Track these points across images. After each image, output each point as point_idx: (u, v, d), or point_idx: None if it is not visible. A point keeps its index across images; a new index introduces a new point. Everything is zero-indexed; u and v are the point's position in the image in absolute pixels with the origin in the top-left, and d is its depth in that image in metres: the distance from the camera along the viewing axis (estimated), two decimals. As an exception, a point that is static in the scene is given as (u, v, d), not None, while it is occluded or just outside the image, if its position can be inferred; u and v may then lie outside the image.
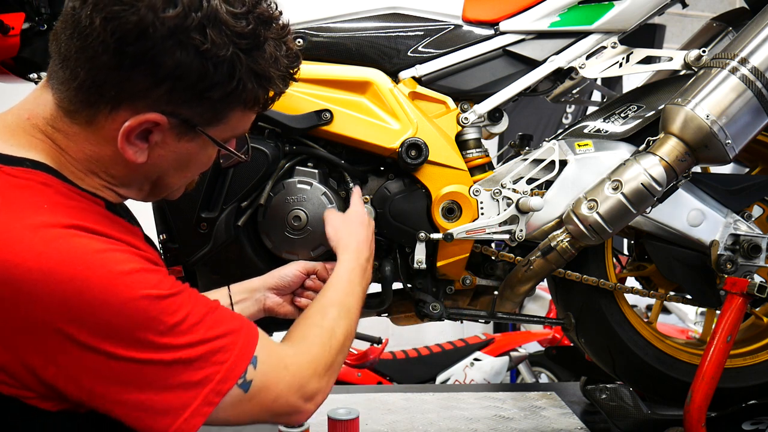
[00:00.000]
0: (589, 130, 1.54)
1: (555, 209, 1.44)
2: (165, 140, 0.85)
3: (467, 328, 4.88)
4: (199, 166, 0.94)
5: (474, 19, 1.50)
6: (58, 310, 0.73)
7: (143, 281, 0.78)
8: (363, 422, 1.66)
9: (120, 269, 0.76)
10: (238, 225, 1.40)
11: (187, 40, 0.78)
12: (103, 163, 0.86)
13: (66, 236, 0.76)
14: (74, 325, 0.74)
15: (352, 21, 1.49)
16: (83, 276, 0.74)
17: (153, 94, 0.81)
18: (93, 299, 0.74)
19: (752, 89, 1.34)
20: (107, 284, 0.75)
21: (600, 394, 1.74)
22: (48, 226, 0.76)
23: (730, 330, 1.38)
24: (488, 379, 3.42)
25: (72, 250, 0.75)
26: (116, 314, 0.75)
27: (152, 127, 0.83)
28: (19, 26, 1.39)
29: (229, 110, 0.88)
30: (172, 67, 0.79)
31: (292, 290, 1.29)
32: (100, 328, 0.74)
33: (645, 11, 1.48)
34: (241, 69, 0.83)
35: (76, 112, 0.83)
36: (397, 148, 1.40)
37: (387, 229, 1.45)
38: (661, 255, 1.53)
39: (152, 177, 0.91)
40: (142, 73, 0.79)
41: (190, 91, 0.82)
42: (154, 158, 0.86)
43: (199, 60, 0.80)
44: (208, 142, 0.89)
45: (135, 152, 0.84)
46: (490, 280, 1.55)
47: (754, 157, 1.71)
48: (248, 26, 0.83)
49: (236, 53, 0.82)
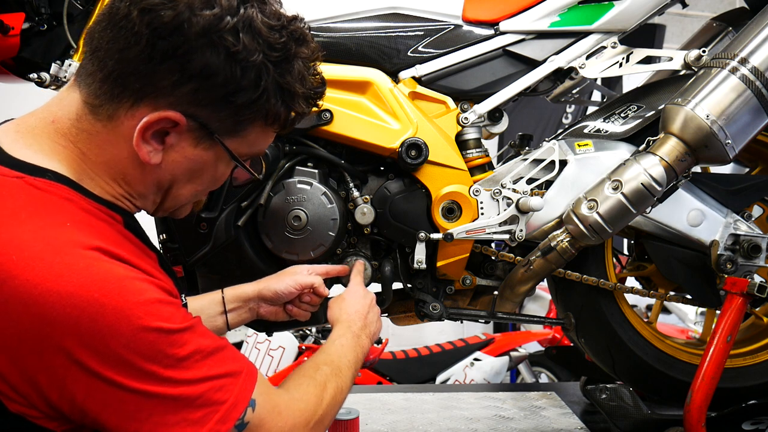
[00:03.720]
0: (589, 130, 1.54)
1: (555, 209, 1.44)
2: (181, 144, 0.85)
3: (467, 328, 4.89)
4: (210, 180, 0.93)
5: (474, 19, 1.50)
6: (70, 334, 0.72)
7: (157, 313, 0.77)
8: (363, 422, 1.66)
9: (136, 299, 0.76)
10: (238, 225, 1.40)
11: (219, 41, 0.79)
12: (121, 168, 0.86)
13: (88, 259, 0.75)
14: (84, 350, 0.73)
15: (352, 21, 1.49)
16: (100, 302, 0.73)
17: (177, 92, 0.81)
18: (106, 326, 0.73)
19: (752, 89, 1.33)
20: (121, 312, 0.74)
21: (600, 394, 1.74)
22: (71, 247, 0.75)
23: (730, 330, 1.38)
24: (488, 379, 3.42)
25: (92, 276, 0.74)
26: (126, 344, 0.74)
27: (170, 128, 0.83)
28: (19, 26, 1.39)
29: (250, 123, 0.88)
30: (200, 66, 0.80)
31: (285, 302, 1.31)
32: (109, 356, 0.74)
33: (645, 11, 1.48)
34: (268, 79, 0.84)
35: (99, 107, 0.83)
36: (397, 148, 1.40)
37: (387, 229, 1.45)
38: (661, 255, 1.53)
39: (164, 185, 0.90)
40: (169, 69, 0.79)
41: (215, 93, 0.82)
42: (167, 162, 0.86)
43: (228, 62, 0.80)
44: (222, 155, 0.89)
45: (149, 152, 0.83)
46: (490, 280, 1.55)
47: (754, 157, 1.71)
48: (281, 39, 0.84)
49: (265, 63, 0.83)
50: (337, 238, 1.41)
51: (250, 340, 3.59)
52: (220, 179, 0.94)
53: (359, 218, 1.43)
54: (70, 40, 1.42)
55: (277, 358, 3.43)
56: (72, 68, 1.36)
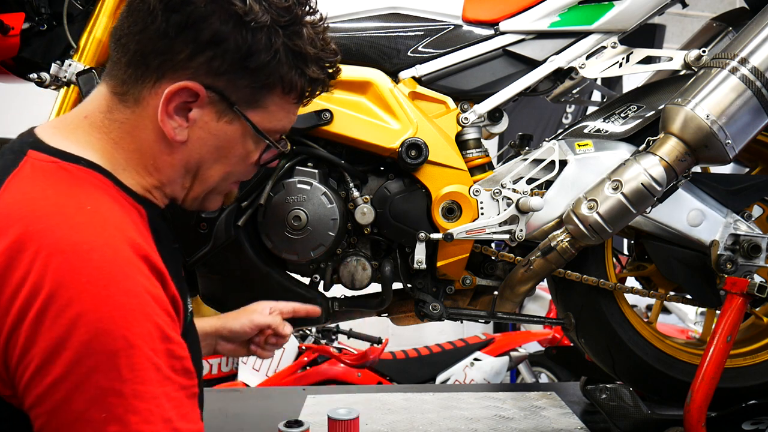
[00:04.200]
0: (589, 130, 1.54)
1: (555, 209, 1.44)
2: (204, 119, 0.87)
3: (467, 328, 4.89)
4: (238, 159, 0.93)
5: (474, 19, 1.50)
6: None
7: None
8: (363, 422, 1.66)
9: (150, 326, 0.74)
10: (237, 225, 1.40)
11: (227, 6, 0.82)
12: (151, 153, 0.87)
13: (131, 275, 0.75)
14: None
15: (352, 21, 1.49)
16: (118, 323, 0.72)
17: (193, 62, 0.83)
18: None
19: (752, 89, 1.34)
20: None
21: (600, 394, 1.74)
22: (116, 244, 0.75)
23: (730, 330, 1.38)
24: (488, 379, 3.42)
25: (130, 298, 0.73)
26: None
27: (192, 103, 0.85)
28: (19, 26, 1.39)
29: (267, 92, 0.89)
30: (211, 33, 0.82)
31: (245, 339, 1.29)
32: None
33: (645, 11, 1.48)
34: (278, 41, 0.86)
35: (126, 93, 0.86)
36: (397, 148, 1.40)
37: (387, 229, 1.45)
38: (661, 255, 1.53)
39: (192, 166, 0.91)
40: (184, 41, 0.82)
41: (228, 59, 0.84)
42: (193, 140, 0.88)
43: (237, 27, 0.83)
44: (248, 130, 0.90)
45: (174, 128, 0.86)
46: (490, 280, 1.55)
47: (754, 157, 1.71)
48: (286, 3, 0.86)
49: (274, 26, 0.85)
50: (337, 238, 1.41)
51: (250, 340, 3.58)
52: (246, 157, 0.94)
53: (359, 218, 1.43)
54: (70, 40, 1.42)
55: (277, 358, 3.43)
56: (72, 68, 1.36)
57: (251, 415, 1.85)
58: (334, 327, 3.40)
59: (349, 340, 3.42)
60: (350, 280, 1.46)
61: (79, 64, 1.37)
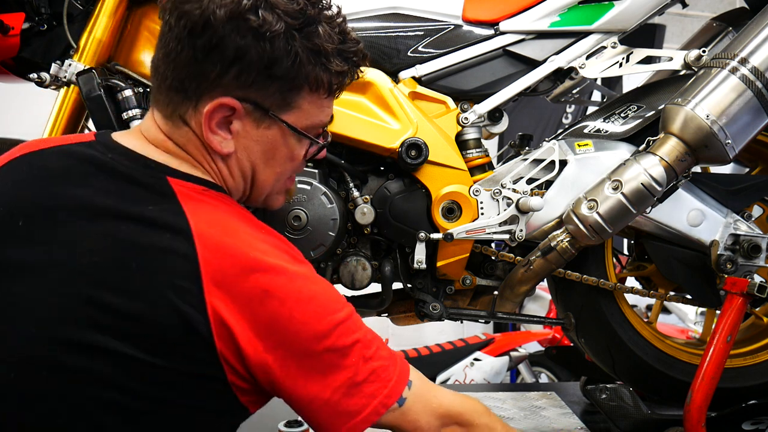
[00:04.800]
0: (589, 130, 1.54)
1: (555, 209, 1.44)
2: (245, 128, 0.93)
3: (467, 328, 4.88)
4: (286, 160, 1.00)
5: (474, 19, 1.50)
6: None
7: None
8: (363, 422, 1.66)
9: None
10: (238, 225, 1.40)
11: (243, 23, 0.87)
12: (216, 168, 0.96)
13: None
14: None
15: (352, 21, 1.48)
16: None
17: (224, 80, 0.89)
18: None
19: (752, 89, 1.33)
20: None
21: (600, 394, 1.74)
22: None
23: (730, 330, 1.38)
24: (488, 379, 3.42)
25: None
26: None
27: (231, 116, 0.91)
28: (19, 26, 1.39)
29: (296, 93, 0.94)
30: (234, 50, 0.87)
31: None
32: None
33: (645, 11, 1.48)
34: (296, 44, 0.90)
35: (173, 115, 0.93)
36: (397, 148, 1.40)
37: (387, 229, 1.45)
38: (661, 255, 1.53)
39: (248, 173, 0.97)
40: (212, 62, 0.88)
41: (254, 71, 0.89)
42: (241, 149, 0.94)
43: (256, 39, 0.88)
44: (286, 132, 0.96)
45: (220, 142, 0.92)
46: (490, 280, 1.55)
47: (754, 157, 1.71)
48: (297, 6, 0.91)
49: (289, 30, 0.89)
50: (337, 238, 1.41)
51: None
52: (293, 156, 1.00)
53: (359, 218, 1.43)
54: (70, 40, 1.42)
55: (277, 358, 3.42)
56: (72, 68, 1.36)
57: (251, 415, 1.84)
58: (334, 327, 3.39)
59: (349, 340, 3.41)
60: (350, 280, 1.46)
61: (79, 64, 1.37)
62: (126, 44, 1.44)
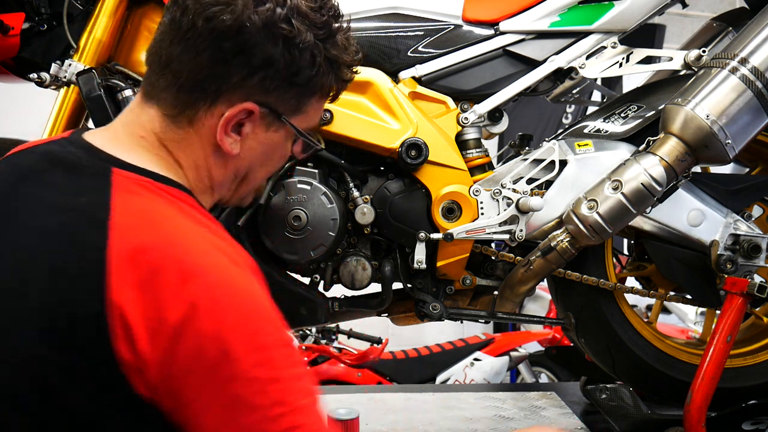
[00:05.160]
0: (589, 130, 1.54)
1: (555, 209, 1.44)
2: (255, 131, 0.93)
3: (467, 328, 4.88)
4: (279, 159, 1.02)
5: (474, 19, 1.50)
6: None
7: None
8: (363, 422, 1.66)
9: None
10: (237, 225, 1.40)
11: (277, 31, 0.88)
12: (205, 166, 0.93)
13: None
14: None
15: (352, 21, 1.47)
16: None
17: (247, 84, 0.89)
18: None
19: (752, 89, 1.34)
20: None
21: (600, 394, 1.74)
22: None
23: (730, 330, 1.38)
24: (488, 379, 3.42)
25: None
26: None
27: (245, 118, 0.91)
28: (19, 26, 1.39)
29: (309, 99, 0.96)
30: (264, 56, 0.88)
31: None
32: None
33: (645, 11, 1.48)
34: (320, 55, 0.92)
35: (179, 115, 0.90)
36: (397, 148, 1.40)
37: (387, 229, 1.45)
38: (661, 255, 1.53)
39: (241, 173, 0.97)
40: (238, 66, 0.88)
41: (280, 78, 0.90)
42: (245, 150, 0.94)
43: (287, 48, 0.89)
44: (289, 133, 0.97)
45: (231, 144, 0.91)
46: (490, 280, 1.55)
47: (754, 157, 1.71)
48: (323, 18, 0.93)
49: (316, 42, 0.91)
50: (337, 238, 1.41)
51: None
52: (286, 156, 1.02)
53: (359, 218, 1.43)
54: (70, 40, 1.42)
55: (277, 358, 3.42)
56: (72, 68, 1.36)
57: None
58: (334, 327, 3.40)
59: (349, 340, 3.42)
60: (350, 280, 1.46)
61: (79, 64, 1.37)
62: (126, 44, 1.44)
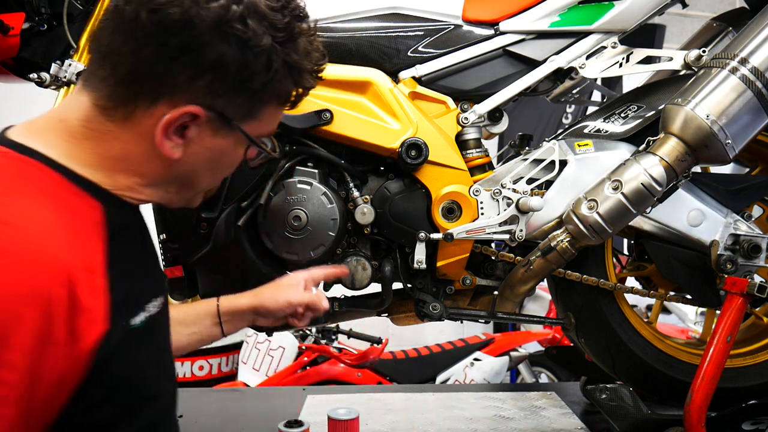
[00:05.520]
0: (589, 130, 1.54)
1: (555, 209, 1.44)
2: (201, 135, 0.86)
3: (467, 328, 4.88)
4: (228, 166, 0.95)
5: (474, 19, 1.50)
6: None
7: None
8: (363, 422, 1.66)
9: None
10: (238, 225, 1.40)
11: (229, 31, 0.81)
12: (134, 162, 0.86)
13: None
14: None
15: (352, 21, 1.49)
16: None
17: (193, 85, 0.82)
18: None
19: (752, 89, 1.34)
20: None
21: (600, 394, 1.74)
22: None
23: (730, 330, 1.38)
24: (488, 379, 3.42)
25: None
26: None
27: (189, 122, 0.84)
28: (19, 26, 1.39)
29: (264, 105, 0.90)
30: (214, 57, 0.81)
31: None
32: None
33: (645, 11, 1.48)
34: (278, 60, 0.85)
35: (113, 109, 0.83)
36: (397, 148, 1.40)
37: (387, 229, 1.45)
38: (661, 255, 1.53)
39: (182, 177, 0.91)
40: (184, 65, 0.81)
41: (230, 81, 0.83)
42: (188, 155, 0.87)
43: (240, 50, 0.82)
44: (240, 140, 0.90)
45: (171, 147, 0.85)
46: (490, 280, 1.55)
47: (754, 157, 1.71)
48: (284, 19, 0.86)
49: (273, 45, 0.84)
50: (337, 238, 1.41)
51: (250, 340, 3.59)
52: (236, 162, 0.95)
53: (359, 218, 1.43)
54: (70, 40, 1.42)
55: (277, 358, 3.43)
56: (72, 68, 1.36)
57: (251, 415, 1.85)
58: (334, 327, 3.40)
59: (349, 340, 3.42)
60: (350, 280, 1.46)
61: (79, 64, 1.37)
62: (126, 44, 1.44)
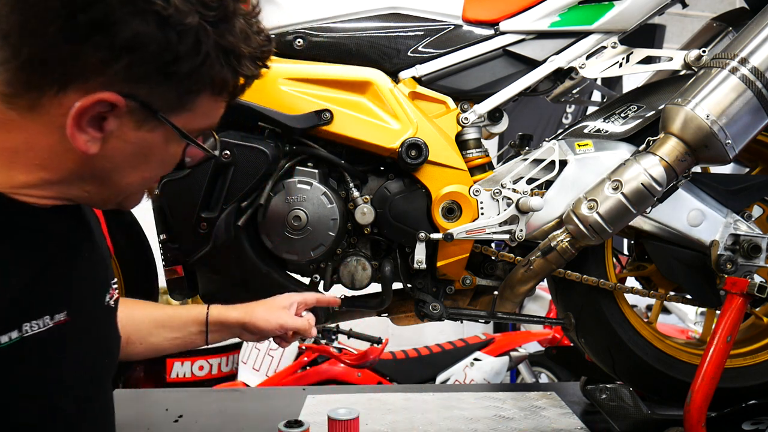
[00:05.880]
0: (589, 130, 1.54)
1: (555, 209, 1.44)
2: (122, 129, 0.75)
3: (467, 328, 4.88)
4: (159, 165, 0.84)
5: (474, 19, 1.50)
6: None
7: None
8: (363, 422, 1.66)
9: None
10: (238, 225, 1.40)
11: (147, 6, 0.70)
12: (39, 156, 0.75)
13: None
14: None
15: (352, 21, 1.49)
16: None
17: (108, 70, 0.71)
18: None
19: (752, 89, 1.34)
20: None
21: (600, 394, 1.74)
22: None
23: (730, 330, 1.38)
24: (488, 379, 3.42)
25: None
26: None
27: (107, 112, 0.73)
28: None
29: (196, 95, 0.79)
30: (130, 36, 0.70)
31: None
32: None
33: (645, 11, 1.48)
34: (208, 42, 0.74)
35: (15, 96, 0.73)
36: (397, 148, 1.40)
37: (387, 229, 1.45)
38: (661, 255, 1.53)
39: (102, 174, 0.79)
40: (95, 46, 0.70)
41: (151, 65, 0.73)
42: (107, 150, 0.76)
43: (161, 28, 0.71)
44: (172, 135, 0.79)
45: (86, 141, 0.74)
46: (490, 280, 1.55)
47: (754, 157, 1.71)
48: None
49: (202, 24, 0.73)
50: (337, 238, 1.41)
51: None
52: (170, 161, 0.85)
53: (359, 218, 1.43)
54: None
55: (277, 358, 3.43)
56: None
57: (251, 415, 1.85)
58: (334, 327, 3.39)
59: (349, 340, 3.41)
60: (350, 280, 1.46)
61: None
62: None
